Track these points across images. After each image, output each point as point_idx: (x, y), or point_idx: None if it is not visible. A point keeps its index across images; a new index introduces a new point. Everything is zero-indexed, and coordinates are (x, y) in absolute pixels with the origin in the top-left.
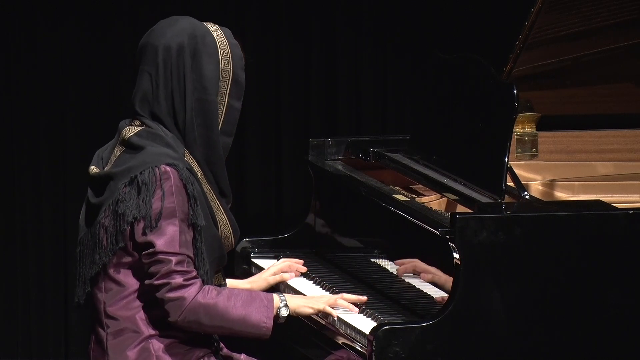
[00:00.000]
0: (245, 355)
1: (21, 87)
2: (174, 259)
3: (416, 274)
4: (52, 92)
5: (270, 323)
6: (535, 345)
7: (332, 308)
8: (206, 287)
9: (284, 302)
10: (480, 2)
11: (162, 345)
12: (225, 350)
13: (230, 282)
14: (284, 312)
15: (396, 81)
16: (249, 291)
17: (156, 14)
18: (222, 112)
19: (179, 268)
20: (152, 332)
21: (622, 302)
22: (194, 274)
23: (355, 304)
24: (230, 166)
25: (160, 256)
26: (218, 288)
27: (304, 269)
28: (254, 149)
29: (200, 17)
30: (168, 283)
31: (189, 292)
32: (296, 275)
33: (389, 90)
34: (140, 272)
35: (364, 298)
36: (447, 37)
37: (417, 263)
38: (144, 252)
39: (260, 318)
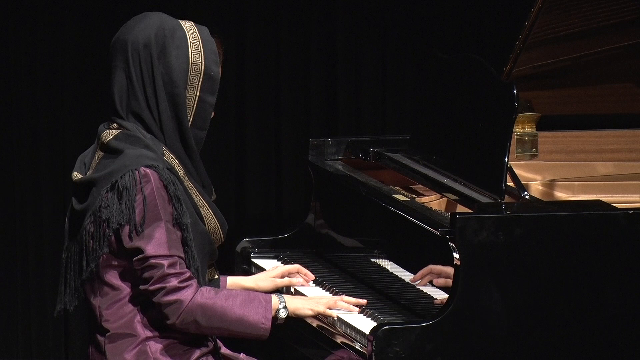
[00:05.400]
0: (244, 355)
1: (21, 88)
2: (165, 262)
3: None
4: (52, 92)
5: (268, 324)
6: (535, 345)
7: (332, 309)
8: (203, 288)
9: (283, 303)
10: (481, 2)
11: (159, 347)
12: (224, 350)
13: (235, 280)
14: (282, 314)
15: (396, 81)
16: (247, 292)
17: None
18: (193, 106)
19: (172, 270)
20: (149, 334)
21: (622, 302)
22: (188, 274)
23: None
24: (230, 166)
25: (152, 261)
26: (216, 289)
27: (312, 277)
28: (254, 149)
29: (200, 17)
30: (163, 287)
31: (186, 295)
32: (305, 282)
33: (389, 90)
34: (133, 275)
35: (364, 301)
36: (447, 37)
37: (432, 269)
38: (134, 259)
39: (259, 319)
